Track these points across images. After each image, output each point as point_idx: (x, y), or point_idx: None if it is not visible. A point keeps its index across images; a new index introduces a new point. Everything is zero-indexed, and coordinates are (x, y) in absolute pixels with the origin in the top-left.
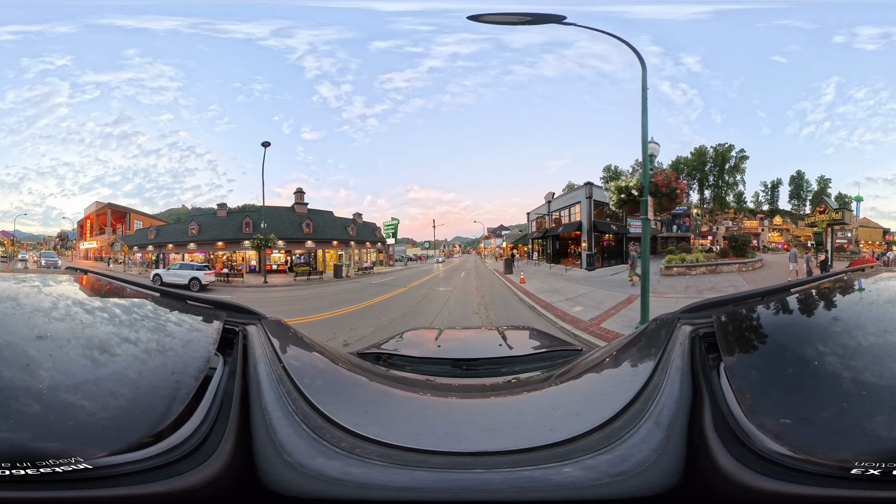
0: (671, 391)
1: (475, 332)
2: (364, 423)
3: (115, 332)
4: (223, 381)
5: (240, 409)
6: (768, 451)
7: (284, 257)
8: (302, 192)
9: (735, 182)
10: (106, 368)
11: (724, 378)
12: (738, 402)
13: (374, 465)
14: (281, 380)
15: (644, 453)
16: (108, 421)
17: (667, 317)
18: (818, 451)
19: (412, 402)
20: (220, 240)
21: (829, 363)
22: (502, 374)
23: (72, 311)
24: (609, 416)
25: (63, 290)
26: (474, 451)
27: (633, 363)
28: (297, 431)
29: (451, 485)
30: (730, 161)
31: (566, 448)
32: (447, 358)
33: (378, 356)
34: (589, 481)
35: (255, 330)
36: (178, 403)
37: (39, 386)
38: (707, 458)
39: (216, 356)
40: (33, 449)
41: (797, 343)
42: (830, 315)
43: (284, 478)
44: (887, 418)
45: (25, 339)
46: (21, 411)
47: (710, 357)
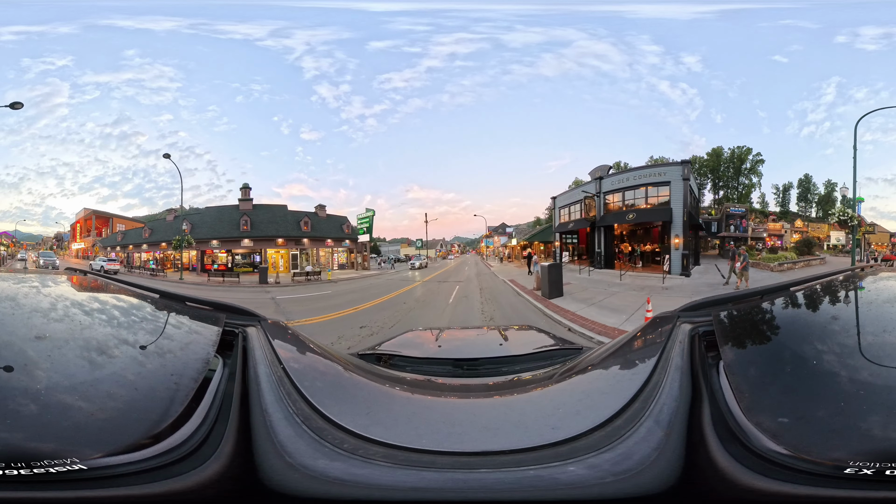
0: (671, 389)
1: (476, 331)
2: (366, 424)
3: (113, 333)
4: (223, 383)
5: (240, 410)
6: (765, 449)
7: (226, 257)
8: (247, 189)
9: (752, 184)
10: (104, 370)
11: (723, 376)
12: (736, 400)
13: (378, 466)
14: (281, 381)
15: (645, 452)
16: (105, 422)
17: (667, 315)
18: (813, 450)
19: (414, 403)
20: (164, 241)
21: (828, 362)
22: (503, 374)
23: (70, 311)
24: (610, 414)
25: (62, 290)
26: (478, 451)
27: (633, 362)
28: (299, 433)
29: (460, 485)
30: (746, 163)
31: (568, 447)
32: (448, 358)
33: (379, 357)
34: (594, 480)
35: (254, 331)
36: (177, 405)
37: (37, 386)
38: (706, 457)
39: (216, 358)
40: (28, 449)
41: (796, 342)
42: (829, 314)
43: (286, 479)
44: (883, 418)
45: (24, 340)
46: (18, 411)
47: (709, 355)
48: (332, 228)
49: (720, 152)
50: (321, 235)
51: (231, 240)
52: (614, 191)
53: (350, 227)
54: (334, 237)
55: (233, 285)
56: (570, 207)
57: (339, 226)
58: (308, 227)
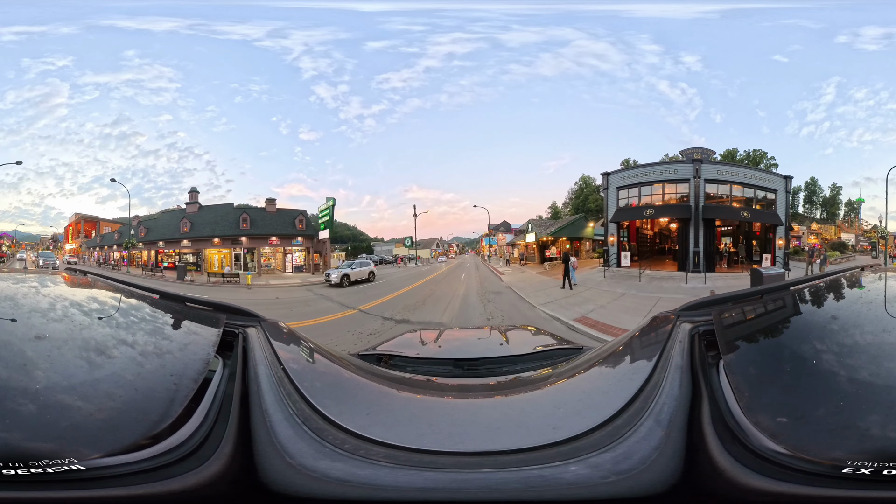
0: (671, 389)
1: (476, 332)
2: (367, 424)
3: (112, 333)
4: (223, 384)
5: (240, 411)
6: (765, 449)
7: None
8: (195, 192)
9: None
10: (103, 370)
11: (723, 376)
12: (736, 399)
13: (380, 467)
14: (281, 382)
15: (646, 451)
16: (103, 422)
17: (667, 315)
18: (812, 449)
19: (414, 403)
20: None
21: (827, 361)
22: (504, 374)
23: (69, 312)
24: (610, 413)
25: (61, 290)
26: (480, 451)
27: (633, 361)
28: (299, 433)
29: (464, 485)
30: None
31: (570, 446)
32: (448, 358)
33: (379, 357)
34: (595, 479)
35: (254, 332)
36: (177, 405)
37: (36, 386)
38: (706, 457)
39: (216, 358)
40: (27, 449)
41: (795, 341)
42: (829, 314)
43: (287, 479)
44: (882, 417)
45: (23, 340)
46: (16, 411)
47: (709, 355)
48: (280, 224)
49: (735, 154)
50: (264, 233)
51: (173, 240)
52: (710, 181)
53: (305, 221)
54: (281, 234)
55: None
56: (639, 189)
57: (290, 221)
58: (247, 224)
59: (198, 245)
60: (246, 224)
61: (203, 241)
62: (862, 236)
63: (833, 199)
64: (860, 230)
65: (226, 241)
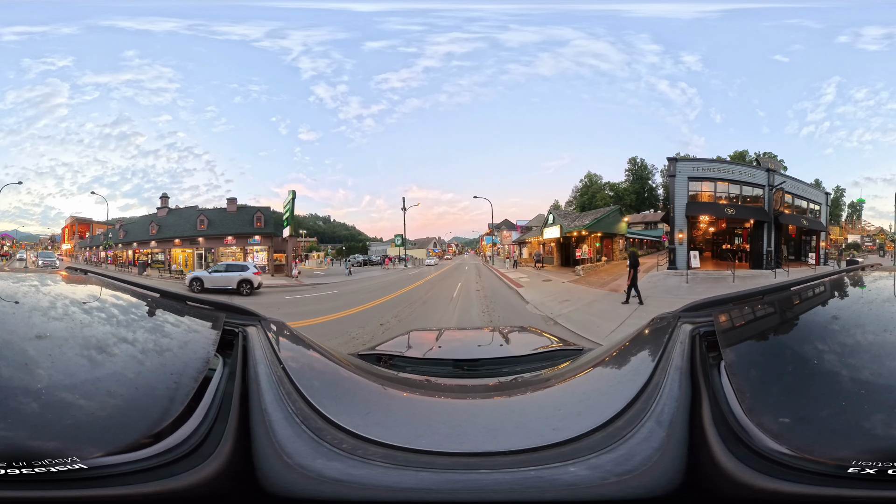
0: (672, 390)
1: (476, 332)
2: (365, 424)
3: (113, 332)
4: (223, 383)
5: (239, 410)
6: (767, 449)
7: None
8: (165, 197)
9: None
10: (104, 368)
11: (724, 377)
12: (738, 400)
13: (376, 467)
14: (281, 381)
15: (647, 452)
16: (105, 421)
17: (667, 315)
18: (816, 450)
19: (413, 403)
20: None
21: (829, 362)
22: (503, 375)
23: (70, 310)
24: (611, 415)
25: (61, 289)
26: (478, 452)
27: (633, 362)
28: (298, 433)
29: (460, 485)
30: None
31: (570, 448)
32: (448, 359)
33: (379, 357)
34: (596, 480)
35: (255, 331)
36: (177, 404)
37: (38, 385)
38: (708, 457)
39: (216, 357)
40: (30, 448)
41: (797, 341)
42: (830, 314)
43: (284, 479)
44: (885, 417)
45: (24, 339)
46: (19, 410)
47: (710, 356)
48: (237, 224)
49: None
50: (220, 233)
51: (144, 242)
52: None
53: (263, 219)
54: (238, 233)
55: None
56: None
57: (248, 219)
58: (205, 225)
59: (163, 246)
60: (203, 225)
61: (167, 241)
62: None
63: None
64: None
65: (185, 241)
